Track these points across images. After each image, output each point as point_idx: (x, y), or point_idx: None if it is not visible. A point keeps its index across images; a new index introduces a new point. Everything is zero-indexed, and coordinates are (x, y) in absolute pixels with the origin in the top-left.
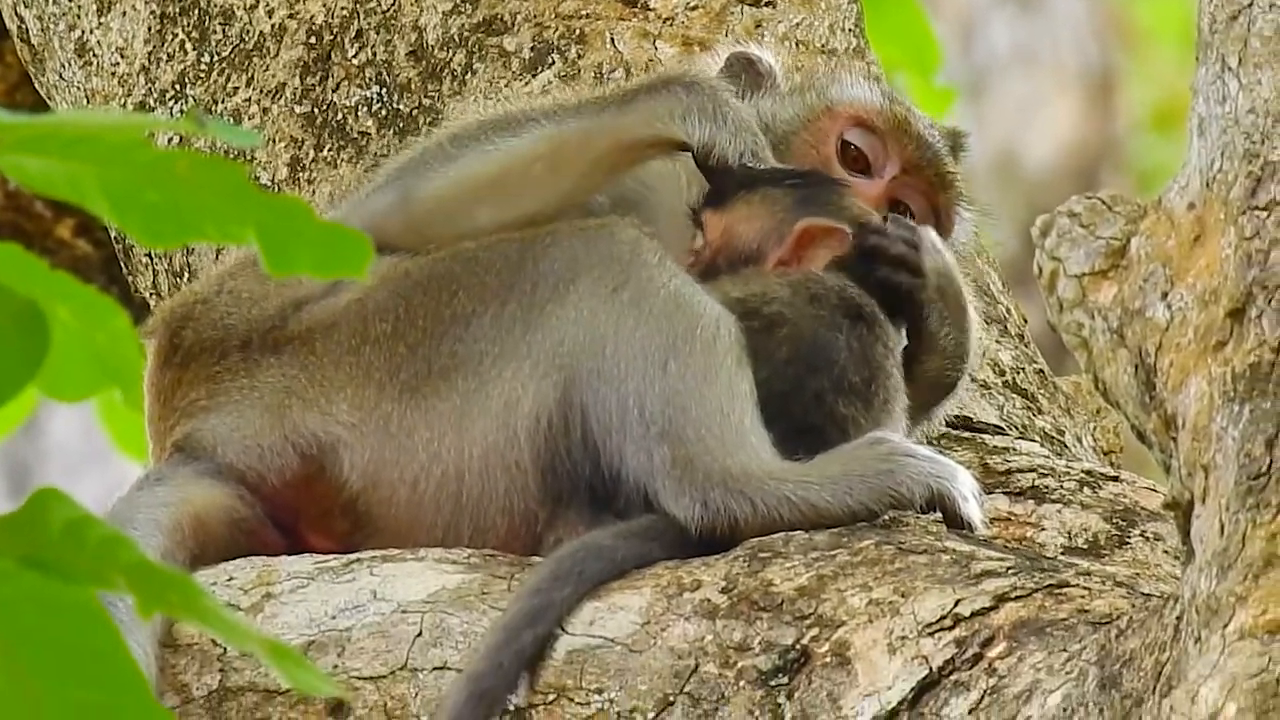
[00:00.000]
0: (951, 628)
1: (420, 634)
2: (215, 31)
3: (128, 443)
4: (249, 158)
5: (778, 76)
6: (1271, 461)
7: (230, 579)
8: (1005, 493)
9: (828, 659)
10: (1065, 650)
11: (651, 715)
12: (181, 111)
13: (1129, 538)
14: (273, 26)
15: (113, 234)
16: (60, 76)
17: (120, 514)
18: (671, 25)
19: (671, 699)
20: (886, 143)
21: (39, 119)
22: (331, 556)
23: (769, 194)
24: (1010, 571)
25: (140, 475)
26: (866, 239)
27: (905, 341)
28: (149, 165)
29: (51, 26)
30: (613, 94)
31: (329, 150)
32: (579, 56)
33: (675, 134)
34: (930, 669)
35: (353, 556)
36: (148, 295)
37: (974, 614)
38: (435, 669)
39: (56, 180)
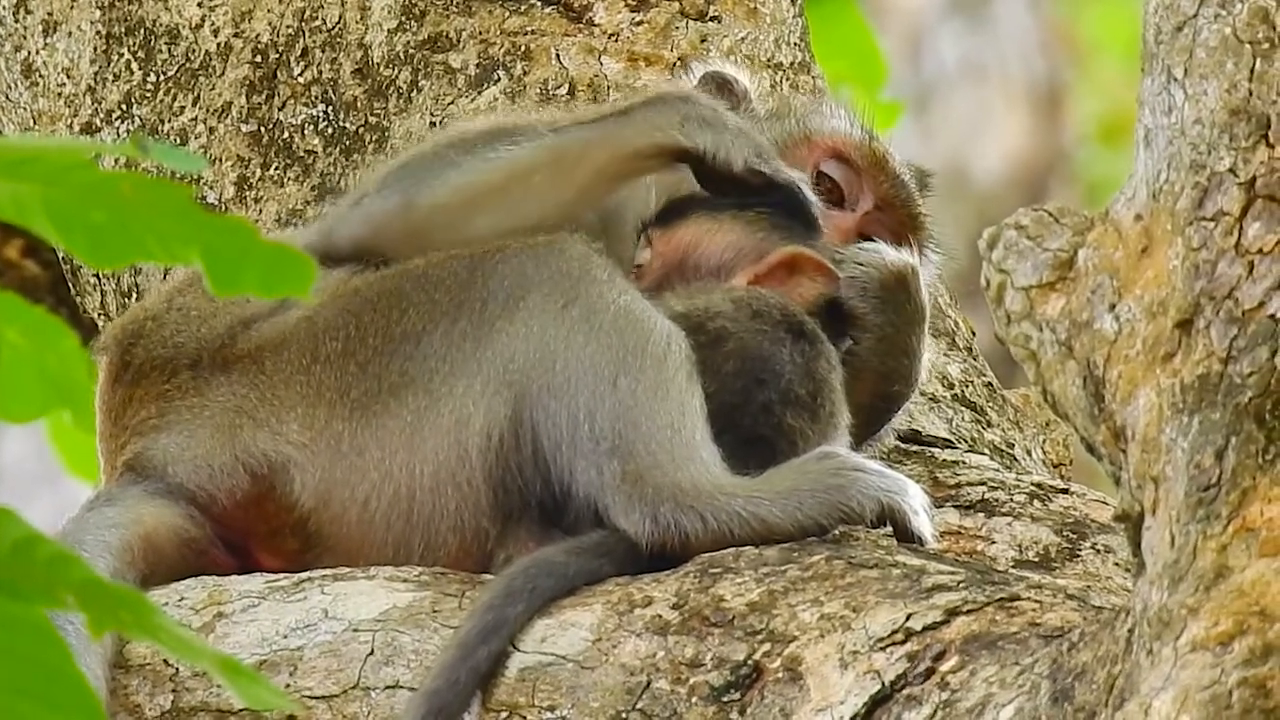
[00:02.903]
0: (903, 642)
1: (372, 652)
2: (161, 51)
3: (78, 464)
4: (195, 178)
5: (752, 98)
6: (1221, 473)
7: (181, 599)
8: (955, 506)
9: (779, 674)
10: (1017, 664)
11: None
12: (128, 132)
13: (1080, 550)
14: (218, 46)
15: (60, 255)
16: (6, 98)
17: (70, 535)
18: (617, 41)
19: (624, 716)
20: (862, 177)
21: None
22: (282, 576)
23: (743, 214)
24: (961, 585)
25: (90, 495)
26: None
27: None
28: (93, 186)
29: None
30: (611, 108)
31: (275, 169)
32: (524, 73)
33: (677, 142)
34: (882, 683)
35: (304, 575)
36: (96, 316)
37: (925, 628)
38: (387, 687)
39: (1, 201)
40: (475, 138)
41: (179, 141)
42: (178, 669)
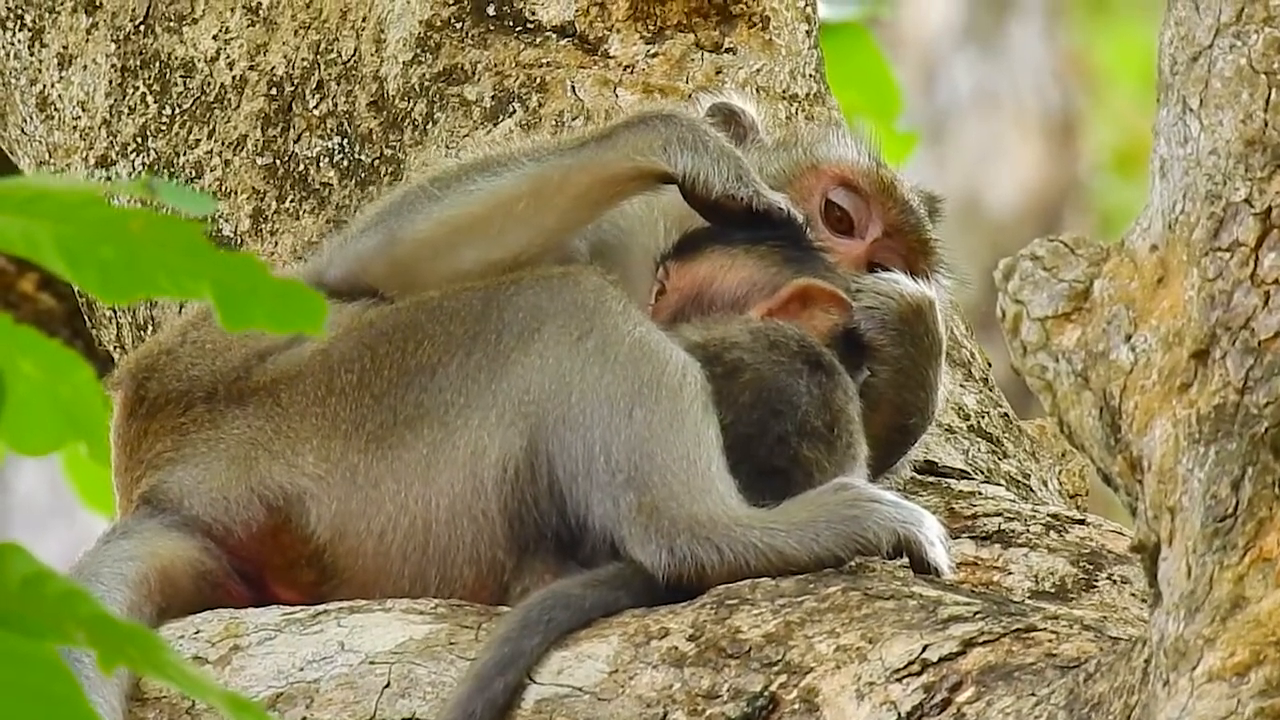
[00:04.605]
0: (919, 673)
1: (388, 684)
2: (176, 84)
3: (94, 497)
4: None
5: (760, 129)
6: (1237, 503)
7: (197, 632)
8: (971, 537)
9: (796, 705)
10: (1034, 694)
11: None
12: (144, 165)
13: (1096, 581)
14: (234, 78)
15: (76, 288)
16: (22, 131)
17: (86, 568)
18: (632, 73)
19: None
20: (870, 205)
21: None
22: (299, 608)
23: (756, 248)
24: (977, 616)
25: (106, 529)
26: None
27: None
28: (103, 222)
29: (13, 81)
30: (593, 132)
31: (291, 201)
32: (540, 105)
33: (657, 165)
34: (899, 714)
35: (320, 608)
36: (111, 349)
37: (942, 659)
38: (403, 719)
39: (12, 237)
40: (456, 171)
41: (194, 175)
42: (194, 702)
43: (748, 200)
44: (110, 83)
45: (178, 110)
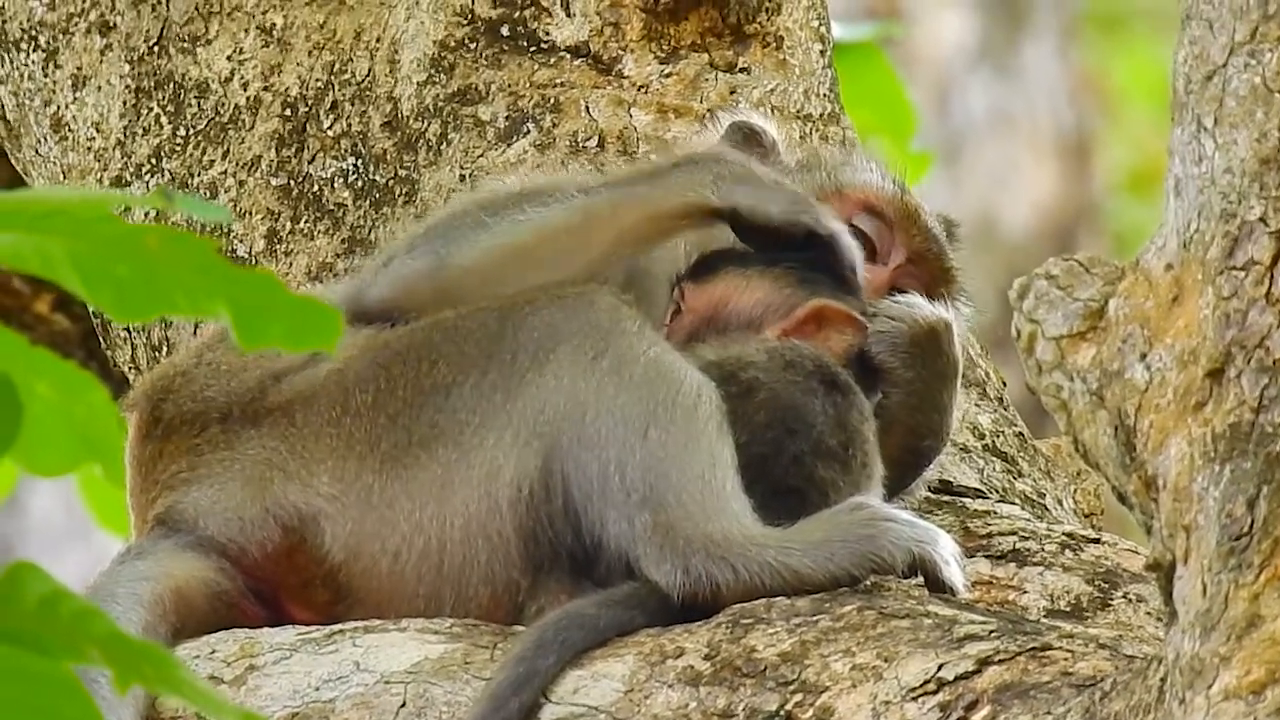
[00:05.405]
0: (935, 692)
1: (404, 704)
2: (190, 105)
3: (109, 518)
4: (225, 230)
5: (781, 148)
6: (1253, 521)
7: (213, 652)
8: (987, 556)
9: None
10: (1049, 713)
11: None
12: (158, 186)
13: (1111, 600)
14: (248, 99)
15: (91, 309)
16: (36, 152)
17: (102, 589)
18: (646, 93)
19: None
20: (894, 231)
21: (9, 194)
22: (314, 628)
23: (771, 269)
24: (993, 635)
25: (121, 549)
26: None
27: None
28: (119, 239)
29: (27, 102)
30: (641, 169)
31: (305, 222)
32: (554, 125)
33: (709, 201)
34: None
35: (335, 627)
36: (126, 370)
37: (957, 678)
38: None
39: (27, 255)
40: (505, 198)
41: (209, 195)
42: None
43: (811, 227)
44: (124, 104)
45: (192, 131)
